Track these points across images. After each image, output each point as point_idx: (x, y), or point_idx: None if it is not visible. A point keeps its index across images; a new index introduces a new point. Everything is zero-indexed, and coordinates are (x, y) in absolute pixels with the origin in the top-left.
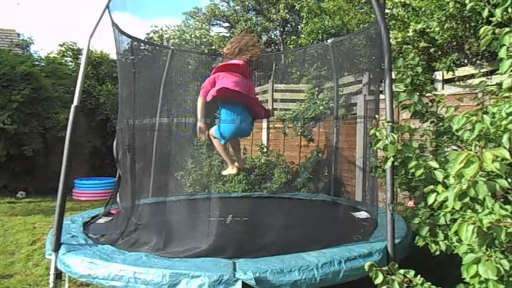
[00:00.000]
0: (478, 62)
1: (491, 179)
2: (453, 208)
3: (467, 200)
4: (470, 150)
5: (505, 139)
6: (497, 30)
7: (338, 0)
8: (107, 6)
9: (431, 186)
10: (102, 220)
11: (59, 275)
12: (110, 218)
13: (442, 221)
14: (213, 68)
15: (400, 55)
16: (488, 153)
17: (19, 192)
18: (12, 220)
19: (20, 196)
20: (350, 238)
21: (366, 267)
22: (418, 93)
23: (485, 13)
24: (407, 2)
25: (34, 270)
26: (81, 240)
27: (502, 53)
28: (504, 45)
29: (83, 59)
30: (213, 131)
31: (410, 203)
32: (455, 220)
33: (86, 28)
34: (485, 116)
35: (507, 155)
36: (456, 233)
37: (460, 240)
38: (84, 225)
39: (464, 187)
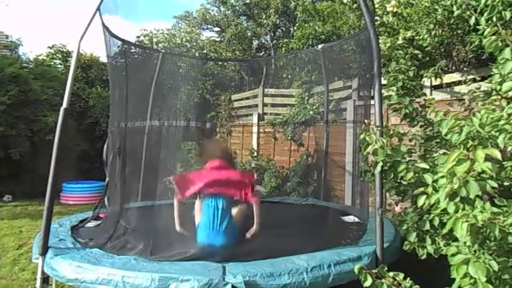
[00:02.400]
0: (465, 68)
1: (481, 179)
2: (443, 210)
3: (458, 199)
4: None
5: (500, 139)
6: (503, 32)
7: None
8: (98, 9)
9: (422, 189)
10: (90, 224)
11: (45, 279)
12: (99, 222)
13: (427, 227)
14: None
15: (390, 61)
16: (480, 151)
17: (5, 196)
18: None
19: (6, 200)
20: (339, 242)
21: (356, 270)
22: (409, 97)
23: (472, 21)
24: (399, 11)
25: (20, 274)
26: (69, 244)
27: (507, 53)
28: (508, 45)
29: (72, 61)
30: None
31: (397, 209)
32: (443, 224)
33: (75, 30)
34: (473, 118)
35: (498, 155)
36: (444, 236)
37: (447, 244)
38: (72, 229)
39: (455, 187)
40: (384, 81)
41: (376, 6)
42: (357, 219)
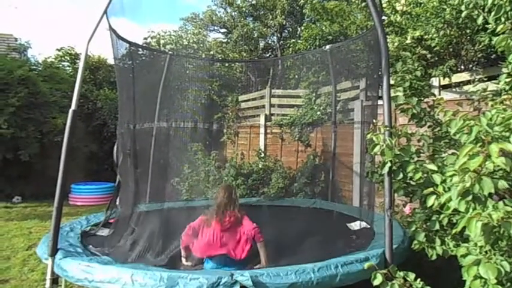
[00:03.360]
0: (474, 68)
1: (494, 178)
2: (454, 210)
3: (470, 198)
4: None
5: None
6: None
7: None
8: (105, 12)
9: (431, 189)
10: (101, 232)
11: (55, 280)
12: (108, 230)
13: (437, 227)
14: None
15: (398, 61)
16: (494, 145)
17: (15, 197)
18: (8, 225)
19: (16, 201)
20: (346, 252)
21: (366, 267)
22: (416, 98)
23: (479, 20)
24: (408, 10)
25: (30, 275)
26: (79, 250)
27: None
28: None
29: (81, 63)
30: None
31: (407, 210)
32: (453, 224)
33: (83, 33)
34: (482, 118)
35: None
36: (454, 237)
37: (457, 245)
38: (83, 236)
39: (467, 185)
40: (391, 81)
41: (384, 5)
42: (363, 224)
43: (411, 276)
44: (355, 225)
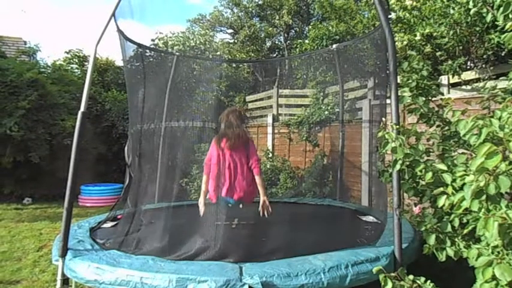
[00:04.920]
0: (483, 66)
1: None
2: (465, 209)
3: (483, 198)
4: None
5: None
6: None
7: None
8: (113, 14)
9: (441, 189)
10: (108, 225)
11: (66, 280)
12: (116, 223)
13: (449, 228)
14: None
15: (406, 60)
16: None
17: (25, 199)
18: (19, 226)
19: (26, 202)
20: (357, 241)
21: (374, 271)
22: (423, 97)
23: (488, 17)
24: (418, 5)
25: (41, 276)
26: (88, 245)
27: None
28: None
29: (89, 65)
30: None
31: (416, 209)
32: (463, 225)
33: (92, 35)
34: (493, 119)
35: None
36: (464, 237)
37: (468, 246)
38: (91, 230)
39: (481, 184)
40: (398, 81)
41: (392, 0)
42: (374, 219)
43: (421, 279)
44: (367, 218)
